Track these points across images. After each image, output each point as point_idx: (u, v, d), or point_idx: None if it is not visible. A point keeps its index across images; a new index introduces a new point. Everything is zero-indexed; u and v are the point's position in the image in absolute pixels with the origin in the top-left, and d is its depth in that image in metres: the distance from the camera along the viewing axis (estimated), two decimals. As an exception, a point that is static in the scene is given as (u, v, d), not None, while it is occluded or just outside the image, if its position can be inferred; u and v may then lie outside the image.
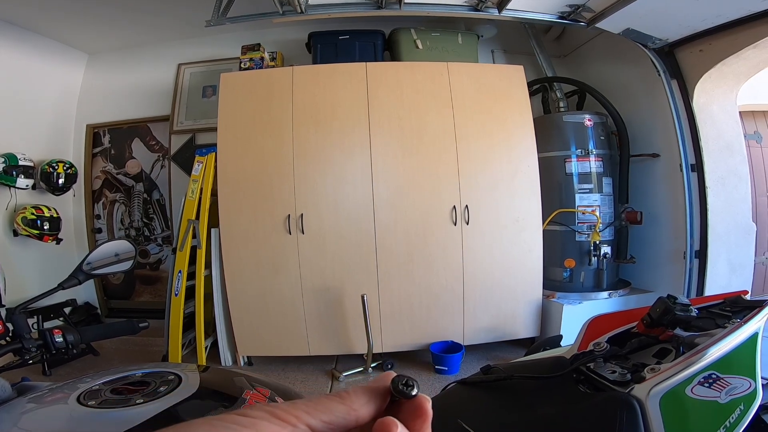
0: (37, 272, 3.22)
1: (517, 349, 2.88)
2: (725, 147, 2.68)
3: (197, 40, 3.55)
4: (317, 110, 2.69)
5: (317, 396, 0.24)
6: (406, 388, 0.25)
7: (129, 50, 3.67)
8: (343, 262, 2.69)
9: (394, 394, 0.25)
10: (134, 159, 3.77)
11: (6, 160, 2.97)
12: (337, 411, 0.23)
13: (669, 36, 2.54)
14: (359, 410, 0.24)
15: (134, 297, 3.85)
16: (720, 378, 0.69)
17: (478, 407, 0.85)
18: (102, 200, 3.82)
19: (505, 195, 2.76)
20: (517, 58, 3.39)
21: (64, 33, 3.37)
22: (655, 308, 0.81)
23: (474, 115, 2.75)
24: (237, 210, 2.67)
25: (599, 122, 2.97)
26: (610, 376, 0.75)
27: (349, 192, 2.68)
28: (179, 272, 2.78)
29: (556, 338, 2.50)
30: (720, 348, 0.69)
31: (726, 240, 2.66)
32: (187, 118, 3.58)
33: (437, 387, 2.42)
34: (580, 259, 2.88)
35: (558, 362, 0.84)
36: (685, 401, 0.68)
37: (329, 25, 3.05)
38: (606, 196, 2.93)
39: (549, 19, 2.57)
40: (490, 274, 2.76)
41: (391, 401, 0.25)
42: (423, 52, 2.98)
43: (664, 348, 0.81)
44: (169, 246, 3.64)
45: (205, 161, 2.85)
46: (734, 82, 2.64)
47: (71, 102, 3.70)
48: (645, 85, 2.90)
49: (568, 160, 2.92)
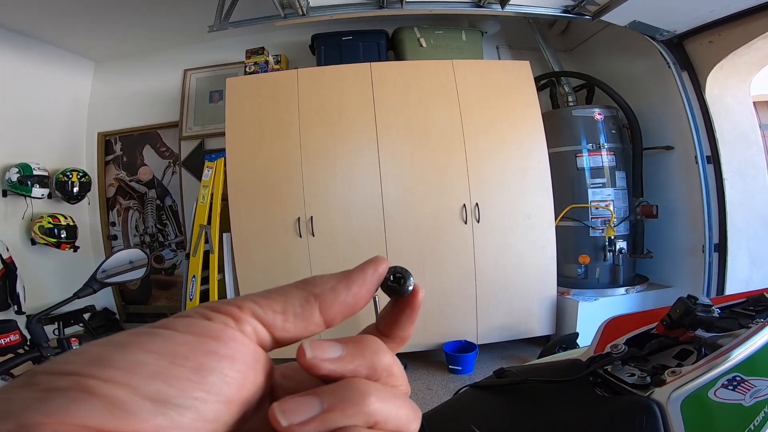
0: (55, 280, 3.29)
1: (532, 347, 2.84)
2: (741, 138, 2.61)
3: (202, 45, 3.58)
4: (323, 112, 2.69)
5: (275, 287, 0.20)
6: (399, 284, 0.21)
7: (135, 57, 3.72)
8: (353, 263, 2.59)
9: (386, 292, 0.21)
10: (146, 166, 3.82)
11: (20, 170, 3.03)
12: (293, 296, 0.19)
13: (677, 28, 2.48)
14: (323, 295, 0.19)
15: (151, 302, 3.91)
16: (744, 380, 0.67)
17: (492, 412, 0.83)
18: (116, 207, 3.88)
19: (515, 192, 2.72)
20: (522, 54, 3.35)
21: (71, 41, 3.41)
22: (675, 309, 0.79)
23: (481, 112, 2.73)
24: (247, 214, 2.68)
25: (610, 116, 2.91)
26: (629, 379, 0.73)
27: (358, 193, 2.68)
28: (193, 277, 2.81)
29: (572, 336, 2.46)
30: (744, 349, 0.66)
31: (746, 232, 2.59)
32: (196, 124, 3.61)
33: (451, 387, 2.41)
34: (595, 254, 2.83)
35: (574, 365, 0.82)
36: (707, 405, 0.65)
37: (332, 27, 3.05)
38: (620, 191, 2.87)
39: (553, 13, 2.54)
40: (502, 272, 2.73)
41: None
42: (427, 50, 2.96)
43: (684, 349, 0.78)
44: (182, 251, 3.68)
45: (214, 166, 2.88)
46: (747, 72, 2.57)
47: (81, 110, 3.76)
48: (655, 77, 2.84)
49: (579, 155, 2.87)
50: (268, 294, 0.19)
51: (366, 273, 0.20)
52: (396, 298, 0.22)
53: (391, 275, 0.21)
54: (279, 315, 0.19)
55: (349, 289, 0.20)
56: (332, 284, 0.20)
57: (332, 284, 0.20)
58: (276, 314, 0.19)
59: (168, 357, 0.16)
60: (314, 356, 0.18)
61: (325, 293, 0.19)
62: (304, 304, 0.19)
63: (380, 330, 0.22)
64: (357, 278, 0.20)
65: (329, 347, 0.18)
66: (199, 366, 0.16)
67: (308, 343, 0.18)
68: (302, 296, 0.19)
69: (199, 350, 0.16)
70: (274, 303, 0.19)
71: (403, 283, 0.21)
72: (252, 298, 0.19)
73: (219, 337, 0.17)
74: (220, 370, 0.16)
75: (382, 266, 0.21)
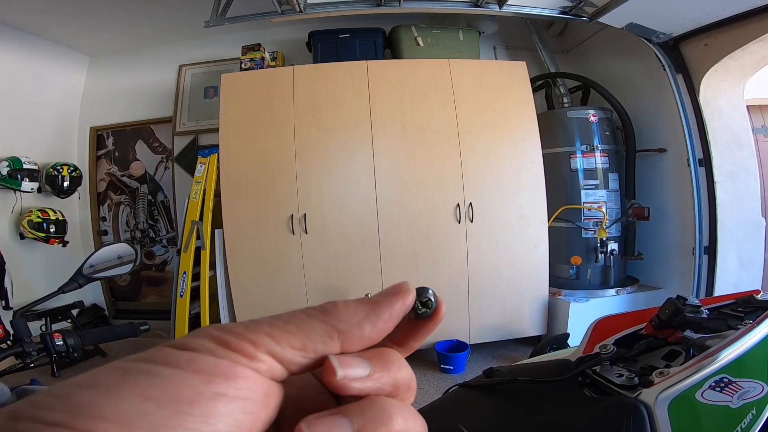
0: (44, 275, 3.25)
1: (523, 347, 2.85)
2: (733, 141, 2.63)
3: (198, 41, 3.55)
4: (319, 109, 2.67)
5: (290, 312, 0.18)
6: (428, 307, 0.20)
7: (130, 52, 3.68)
8: (347, 261, 2.68)
9: (413, 318, 0.20)
10: (138, 161, 3.78)
11: (10, 164, 2.98)
12: (314, 332, 0.17)
13: (673, 30, 2.50)
14: (349, 332, 0.18)
15: (141, 298, 3.87)
16: (732, 382, 0.67)
17: (480, 411, 0.83)
18: (107, 202, 3.84)
19: (509, 192, 2.73)
20: (519, 54, 3.35)
21: (66, 36, 3.37)
22: (664, 309, 0.79)
23: (477, 112, 2.73)
24: (240, 211, 2.66)
25: (604, 117, 2.92)
26: (617, 380, 0.73)
27: (352, 191, 2.67)
28: (184, 274, 2.78)
29: (562, 336, 2.47)
30: (732, 351, 0.67)
31: (735, 235, 2.61)
32: (190, 120, 3.58)
33: (443, 386, 2.41)
34: (587, 256, 2.84)
35: (563, 365, 0.82)
36: (695, 406, 0.65)
37: (329, 24, 3.03)
38: (612, 192, 2.89)
39: (550, 14, 2.54)
40: (495, 271, 2.73)
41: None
42: (424, 49, 2.95)
43: (673, 350, 0.78)
44: (174, 247, 3.65)
45: (207, 162, 2.85)
46: (741, 75, 2.59)
47: (74, 105, 3.71)
48: (650, 79, 2.86)
49: (573, 156, 2.88)
50: (286, 326, 0.17)
51: (394, 307, 0.19)
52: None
53: (418, 303, 0.20)
54: (298, 352, 0.17)
55: (375, 326, 0.18)
56: (358, 319, 0.18)
57: (358, 319, 0.18)
58: (294, 351, 0.17)
59: (171, 404, 0.14)
60: (345, 376, 0.17)
61: (350, 330, 0.18)
62: (326, 341, 0.17)
63: (392, 339, 0.21)
64: (384, 313, 0.19)
65: (358, 365, 0.17)
66: (206, 413, 0.14)
67: (337, 360, 0.17)
68: (324, 332, 0.17)
69: (206, 393, 0.14)
70: (293, 338, 0.17)
71: (429, 307, 0.20)
72: (268, 331, 0.17)
73: (228, 375, 0.15)
74: (230, 414, 0.15)
75: (409, 298, 0.19)
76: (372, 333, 0.18)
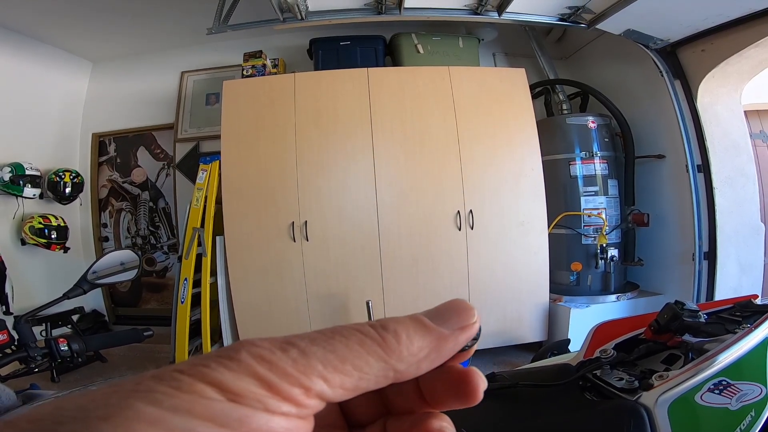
0: (45, 281, 3.25)
1: (524, 353, 2.85)
2: (731, 147, 2.65)
3: (200, 47, 3.58)
4: (320, 116, 2.69)
5: (341, 336, 0.15)
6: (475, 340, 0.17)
7: (132, 58, 3.71)
8: (347, 268, 2.68)
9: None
10: (140, 167, 3.80)
11: (13, 170, 3.00)
12: (371, 372, 0.15)
13: (670, 36, 2.52)
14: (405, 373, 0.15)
15: (141, 304, 3.86)
16: (731, 384, 0.67)
17: (482, 416, 0.83)
18: (108, 209, 3.85)
19: (509, 199, 2.74)
20: (518, 61, 3.38)
21: (68, 41, 3.40)
22: (663, 314, 0.80)
23: (476, 119, 2.75)
24: (241, 217, 2.67)
25: (603, 124, 2.95)
26: (617, 384, 0.73)
27: (353, 198, 2.68)
28: (185, 280, 2.79)
29: (563, 342, 2.47)
30: (730, 354, 0.67)
31: (735, 241, 2.62)
32: (191, 126, 3.60)
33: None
34: (587, 262, 2.85)
35: (564, 369, 0.83)
36: (694, 409, 0.66)
37: (330, 31, 3.07)
38: (612, 199, 2.90)
39: (549, 21, 2.57)
40: (495, 278, 2.74)
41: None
42: (424, 56, 2.98)
43: (672, 354, 0.79)
44: (175, 254, 3.66)
45: (209, 169, 2.87)
46: (738, 81, 2.61)
47: (77, 110, 3.73)
48: (648, 85, 2.88)
49: (573, 163, 2.90)
50: (342, 365, 0.14)
51: (459, 343, 0.17)
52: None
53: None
54: (348, 393, 0.15)
55: (432, 364, 0.16)
56: (420, 358, 0.16)
57: (420, 358, 0.16)
58: (345, 392, 0.15)
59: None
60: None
61: (407, 371, 0.16)
62: (380, 381, 0.15)
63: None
64: (448, 350, 0.16)
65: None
66: None
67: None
68: (381, 372, 0.15)
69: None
70: (347, 380, 0.14)
71: (476, 338, 0.18)
72: (322, 373, 0.14)
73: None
74: None
75: (473, 330, 0.17)
76: (427, 370, 0.16)
